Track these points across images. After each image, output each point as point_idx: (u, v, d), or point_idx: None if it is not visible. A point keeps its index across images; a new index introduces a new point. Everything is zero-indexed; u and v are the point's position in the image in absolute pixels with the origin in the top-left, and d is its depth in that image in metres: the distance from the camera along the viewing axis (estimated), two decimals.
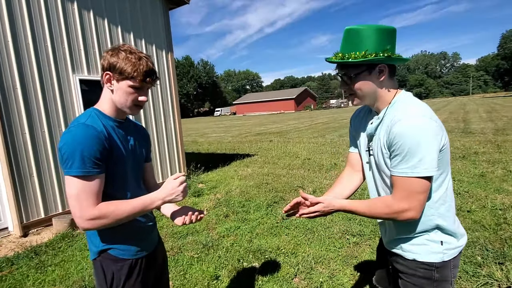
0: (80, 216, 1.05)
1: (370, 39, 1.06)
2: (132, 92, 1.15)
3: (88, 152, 1.04)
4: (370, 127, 1.20)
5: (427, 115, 1.04)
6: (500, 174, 5.20)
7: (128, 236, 1.22)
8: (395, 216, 1.10)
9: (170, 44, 6.24)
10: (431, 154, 1.00)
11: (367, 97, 1.15)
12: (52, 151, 4.36)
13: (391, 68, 1.13)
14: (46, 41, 4.30)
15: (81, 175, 1.04)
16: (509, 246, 2.82)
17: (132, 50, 1.14)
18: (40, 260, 3.26)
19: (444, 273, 1.16)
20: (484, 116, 16.64)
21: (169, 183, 1.16)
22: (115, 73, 1.12)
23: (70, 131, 1.07)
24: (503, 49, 60.13)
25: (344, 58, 1.09)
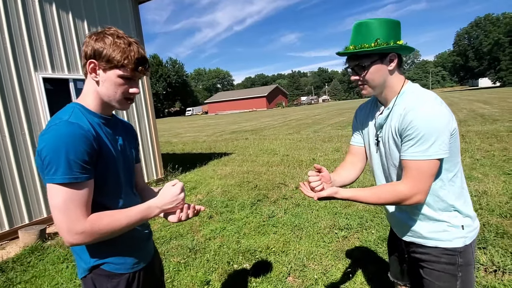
0: (68, 231, 0.89)
1: (380, 30, 1.12)
2: (122, 83, 0.99)
3: (74, 154, 0.88)
4: (380, 117, 1.24)
5: (439, 102, 1.09)
6: (469, 163, 5.49)
7: (123, 247, 1.08)
8: (402, 201, 1.11)
9: (141, 39, 5.94)
10: (442, 138, 1.05)
11: (378, 86, 1.19)
12: (15, 157, 3.98)
13: (400, 58, 1.18)
14: (4, 33, 3.90)
15: (68, 182, 0.88)
16: (488, 231, 2.96)
17: (119, 34, 0.98)
18: (7, 277, 2.94)
19: (467, 257, 1.19)
20: None
21: (168, 190, 1.05)
22: (102, 61, 0.96)
23: (51, 130, 0.90)
24: (458, 46, 64.39)
25: (357, 48, 1.13)
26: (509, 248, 2.62)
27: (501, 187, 4.09)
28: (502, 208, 3.43)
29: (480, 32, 58.09)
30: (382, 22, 1.12)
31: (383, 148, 1.25)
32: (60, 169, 0.87)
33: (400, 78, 1.19)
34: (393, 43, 1.11)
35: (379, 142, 1.27)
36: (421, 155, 1.06)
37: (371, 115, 1.33)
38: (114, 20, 5.41)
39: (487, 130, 8.67)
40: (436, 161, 1.07)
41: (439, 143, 1.05)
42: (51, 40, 4.44)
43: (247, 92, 73.70)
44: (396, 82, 1.18)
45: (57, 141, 0.88)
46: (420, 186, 1.09)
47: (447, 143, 1.07)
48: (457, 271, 1.18)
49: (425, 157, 1.06)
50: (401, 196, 1.10)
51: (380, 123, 1.23)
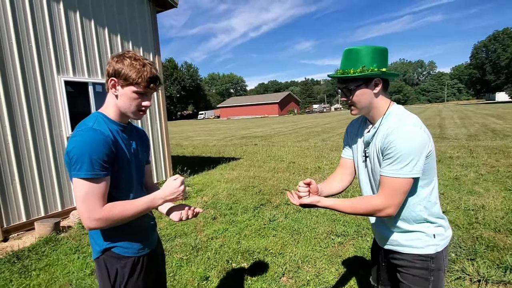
0: (88, 217, 1.10)
1: (367, 57, 1.23)
2: (136, 98, 1.21)
3: (96, 155, 1.10)
4: (367, 135, 1.36)
5: (418, 125, 1.21)
6: (473, 177, 5.52)
7: (131, 234, 1.27)
8: (375, 212, 1.24)
9: (158, 47, 6.25)
10: (417, 160, 1.16)
11: (364, 107, 1.31)
12: (35, 153, 4.28)
13: (385, 82, 1.29)
14: (31, 41, 4.24)
15: (90, 177, 1.10)
16: (480, 244, 3.04)
17: (136, 57, 1.19)
18: (23, 264, 3.19)
19: (439, 263, 1.31)
20: (458, 123, 17.48)
21: (170, 183, 1.23)
22: (120, 79, 1.17)
23: (78, 135, 1.12)
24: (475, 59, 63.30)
25: (344, 73, 1.26)
26: (496, 261, 2.70)
27: (499, 202, 4.14)
28: (497, 223, 3.49)
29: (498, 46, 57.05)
30: (370, 50, 1.23)
31: (370, 164, 1.36)
32: (84, 166, 1.09)
33: (385, 101, 1.30)
34: (377, 69, 1.22)
35: (367, 158, 1.38)
36: (396, 173, 1.18)
37: (360, 132, 1.44)
38: (133, 27, 5.73)
39: (496, 146, 8.61)
40: (409, 180, 1.18)
41: (413, 164, 1.16)
42: (74, 46, 4.77)
43: (260, 98, 74.12)
44: (382, 104, 1.29)
45: (83, 144, 1.10)
46: (392, 201, 1.20)
47: (422, 165, 1.18)
48: (429, 275, 1.31)
49: (399, 175, 1.17)
50: (374, 208, 1.24)
51: (368, 140, 1.35)
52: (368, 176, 1.41)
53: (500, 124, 14.59)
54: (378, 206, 1.22)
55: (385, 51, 1.28)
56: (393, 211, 1.22)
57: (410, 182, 1.20)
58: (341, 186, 1.55)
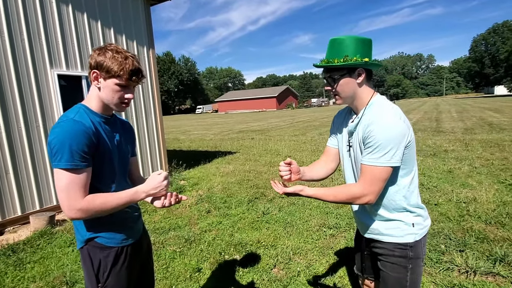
0: (68, 207, 1.12)
1: (350, 47, 1.25)
2: (119, 90, 1.21)
3: (76, 146, 1.11)
4: (351, 125, 1.39)
5: (398, 116, 1.23)
6: (466, 170, 5.56)
7: (114, 225, 1.29)
8: (355, 200, 1.27)
9: (152, 40, 6.20)
10: (396, 150, 1.20)
11: (348, 97, 1.33)
12: (29, 147, 4.27)
13: (368, 72, 1.31)
14: (23, 34, 4.20)
15: (70, 168, 1.11)
16: (470, 236, 3.08)
17: (118, 50, 1.20)
18: (18, 257, 3.21)
19: (417, 251, 1.35)
20: (455, 116, 17.51)
21: (153, 178, 1.24)
22: (102, 71, 1.18)
23: (59, 126, 1.13)
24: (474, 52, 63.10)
25: (329, 63, 1.28)
26: (486, 252, 2.74)
27: (492, 195, 4.18)
28: (488, 215, 3.53)
29: (498, 39, 56.83)
30: (353, 40, 1.25)
31: (353, 153, 1.39)
32: (64, 157, 1.10)
33: (369, 91, 1.32)
34: (360, 59, 1.24)
35: (350, 148, 1.41)
36: (375, 162, 1.21)
37: (345, 122, 1.47)
38: (126, 20, 5.68)
39: (492, 139, 8.65)
40: (388, 168, 1.22)
41: (392, 153, 1.19)
42: (67, 39, 4.73)
43: (258, 92, 73.89)
44: (365, 94, 1.32)
45: (64, 135, 1.10)
46: (371, 188, 1.24)
47: (401, 154, 1.21)
48: (408, 263, 1.34)
49: (378, 163, 1.21)
50: (353, 196, 1.27)
51: (351, 130, 1.38)
52: (351, 165, 1.44)
53: (497, 118, 14.62)
54: (358, 194, 1.26)
55: (368, 42, 1.29)
56: (373, 199, 1.26)
57: (389, 171, 1.23)
58: (324, 172, 1.57)
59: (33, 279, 2.81)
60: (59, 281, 2.73)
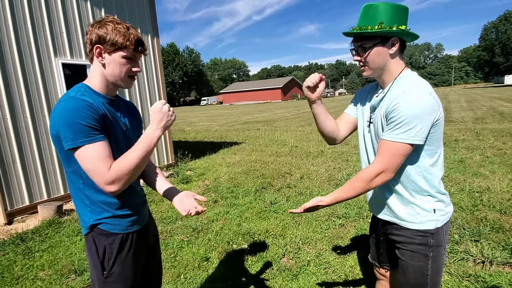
0: (104, 183, 1.05)
1: (385, 14, 1.16)
2: (125, 63, 1.14)
3: (85, 121, 1.03)
4: (375, 100, 1.31)
5: (428, 91, 1.15)
6: (478, 160, 5.43)
7: (119, 210, 1.22)
8: (372, 182, 1.20)
9: (156, 29, 6.10)
10: (421, 126, 1.12)
11: (377, 68, 1.25)
12: (35, 136, 4.26)
13: (402, 44, 1.23)
14: (27, 23, 4.14)
15: (87, 143, 1.04)
16: (484, 225, 3.00)
17: (118, 21, 1.12)
18: (27, 246, 3.22)
19: (439, 239, 1.27)
20: (465, 106, 17.17)
21: (155, 110, 1.12)
22: (107, 45, 1.10)
23: (60, 106, 1.05)
24: (484, 40, 61.55)
25: (361, 30, 1.20)
26: (502, 242, 2.66)
27: (505, 184, 4.06)
28: (503, 205, 3.44)
29: (509, 27, 55.28)
30: (389, 7, 1.17)
31: (374, 129, 1.31)
32: (77, 134, 1.02)
33: (400, 64, 1.24)
34: (396, 27, 1.16)
35: (371, 124, 1.33)
36: (396, 137, 1.14)
37: (370, 97, 1.39)
38: (130, 9, 5.58)
39: (503, 129, 8.45)
40: (408, 146, 1.14)
41: (416, 130, 1.11)
42: (71, 28, 4.66)
43: (263, 83, 73.42)
44: (395, 67, 1.24)
45: (68, 113, 1.03)
46: (388, 165, 1.17)
47: (425, 132, 1.13)
48: (428, 251, 1.27)
49: (399, 139, 1.14)
50: (371, 176, 1.20)
51: (374, 105, 1.30)
52: (371, 142, 1.36)
53: (508, 107, 14.30)
54: (375, 171, 1.19)
55: (405, 9, 1.21)
56: (391, 175, 1.20)
57: (409, 148, 1.16)
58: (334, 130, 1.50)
59: (42, 267, 2.82)
60: (67, 270, 2.72)
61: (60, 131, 1.04)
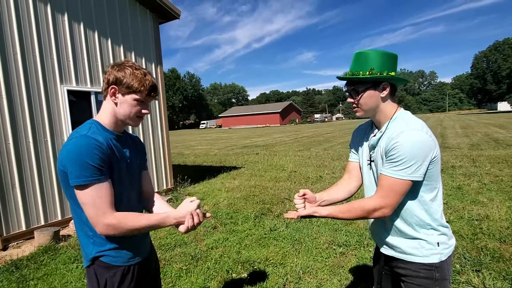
0: (97, 222, 1.11)
1: (376, 61, 1.25)
2: (136, 105, 1.23)
3: (92, 161, 1.10)
4: (373, 139, 1.36)
5: (424, 130, 1.21)
6: (476, 187, 5.47)
7: (121, 243, 1.25)
8: (370, 213, 1.25)
9: (160, 57, 6.31)
10: (420, 164, 1.17)
11: (370, 110, 1.32)
12: (36, 161, 4.28)
13: (392, 87, 1.31)
14: (35, 51, 4.29)
15: (91, 183, 1.09)
16: (485, 255, 2.98)
17: (137, 67, 1.22)
18: (21, 274, 3.15)
19: (443, 272, 1.29)
20: (460, 132, 17.42)
21: (186, 205, 1.23)
22: (122, 87, 1.19)
23: (72, 143, 1.12)
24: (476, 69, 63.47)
25: (354, 75, 1.28)
26: (503, 272, 2.64)
27: (504, 212, 4.08)
28: (502, 233, 3.44)
29: (499, 56, 57.25)
30: (379, 54, 1.25)
31: (375, 168, 1.36)
32: (83, 172, 1.09)
33: (392, 105, 1.31)
34: (386, 73, 1.24)
35: (372, 162, 1.38)
36: (396, 173, 1.19)
37: (367, 136, 1.44)
38: (136, 38, 5.81)
39: (499, 155, 8.55)
40: (408, 182, 1.19)
41: (415, 167, 1.16)
42: (77, 56, 4.82)
43: (261, 108, 74.47)
44: (388, 108, 1.30)
45: (78, 151, 1.09)
46: (388, 201, 1.21)
47: (424, 169, 1.18)
48: (434, 285, 1.28)
49: (399, 176, 1.18)
50: (369, 209, 1.24)
51: (373, 144, 1.35)
52: (373, 180, 1.40)
53: (502, 134, 14.53)
54: (374, 206, 1.23)
55: (394, 57, 1.30)
56: (388, 212, 1.23)
57: (408, 184, 1.20)
58: (345, 193, 1.53)
59: None
60: None
61: (68, 166, 1.10)
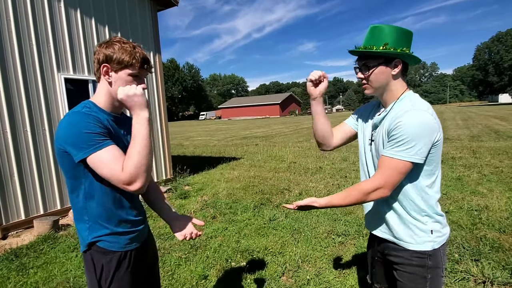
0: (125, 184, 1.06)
1: (391, 36, 1.20)
2: (131, 81, 1.17)
3: (91, 129, 1.07)
4: (377, 118, 1.33)
5: (430, 112, 1.18)
6: (476, 178, 5.46)
7: (117, 228, 1.22)
8: (369, 195, 1.22)
9: (158, 45, 6.22)
10: (421, 145, 1.14)
11: (380, 87, 1.28)
12: (35, 150, 4.25)
13: (405, 66, 1.27)
14: (31, 38, 4.22)
15: (99, 150, 1.06)
16: (484, 244, 2.99)
17: (124, 41, 1.17)
18: (21, 262, 3.16)
19: (436, 260, 1.27)
20: (461, 124, 17.38)
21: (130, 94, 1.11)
22: (113, 63, 1.14)
23: (64, 120, 1.09)
24: (477, 60, 62.93)
25: (366, 49, 1.24)
26: (502, 262, 2.65)
27: (504, 203, 4.08)
28: (502, 223, 3.44)
29: (501, 47, 56.67)
30: (394, 29, 1.21)
31: (375, 147, 1.33)
32: (87, 143, 1.05)
33: (402, 85, 1.28)
34: (400, 50, 1.20)
35: (373, 141, 1.35)
36: (397, 154, 1.16)
37: (372, 115, 1.41)
38: (133, 26, 5.71)
39: (499, 147, 8.54)
40: (408, 163, 1.16)
41: (416, 148, 1.14)
42: (74, 43, 4.75)
43: (261, 99, 74.10)
44: (397, 88, 1.27)
45: (73, 126, 1.06)
46: (386, 181, 1.19)
47: (425, 151, 1.16)
48: (426, 273, 1.27)
49: (400, 157, 1.16)
50: (368, 190, 1.21)
51: (376, 123, 1.33)
52: (372, 160, 1.38)
53: (503, 126, 14.49)
54: (373, 186, 1.21)
55: (410, 34, 1.25)
56: (387, 192, 1.21)
57: (409, 166, 1.18)
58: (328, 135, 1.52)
59: (36, 284, 2.76)
60: (62, 287, 2.67)
61: (68, 144, 1.06)
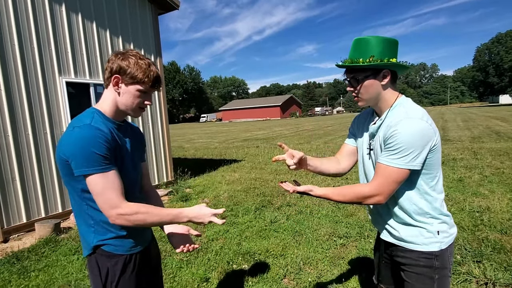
0: (109, 211, 1.10)
1: (376, 48, 1.20)
2: (139, 96, 1.20)
3: (100, 150, 1.08)
4: (373, 127, 1.33)
5: (424, 118, 1.18)
6: (477, 179, 5.45)
7: (122, 232, 1.23)
8: (363, 199, 1.24)
9: (159, 49, 6.25)
10: (418, 153, 1.15)
11: (371, 98, 1.28)
12: (36, 154, 4.26)
13: (393, 75, 1.27)
14: (33, 42, 4.24)
15: (101, 172, 1.08)
16: (485, 246, 2.98)
17: (141, 56, 1.18)
18: (22, 265, 3.16)
19: (443, 261, 1.27)
20: (462, 125, 17.36)
21: (201, 207, 1.23)
22: (126, 76, 1.16)
23: (76, 133, 1.09)
24: (477, 61, 62.89)
25: (353, 63, 1.23)
26: (504, 263, 2.64)
27: (505, 204, 4.07)
28: (504, 225, 3.43)
29: (501, 48, 56.66)
30: (379, 40, 1.20)
31: (374, 156, 1.34)
32: (92, 163, 1.07)
33: (393, 93, 1.28)
34: (387, 60, 1.19)
35: (371, 151, 1.36)
36: (393, 162, 1.17)
37: (367, 124, 1.41)
38: (134, 29, 5.74)
39: (500, 148, 8.52)
40: (405, 171, 1.17)
41: (413, 156, 1.14)
42: (75, 47, 4.77)
43: (262, 101, 74.19)
44: (389, 96, 1.27)
45: (83, 141, 1.07)
46: (383, 189, 1.20)
47: (422, 158, 1.16)
48: (434, 273, 1.27)
49: (396, 165, 1.16)
50: (363, 195, 1.23)
51: (373, 132, 1.33)
52: (371, 169, 1.38)
53: (504, 127, 14.47)
54: (368, 193, 1.22)
55: (395, 43, 1.25)
56: (383, 199, 1.22)
57: (405, 173, 1.18)
58: (335, 170, 1.51)
59: (37, 287, 2.76)
60: None
61: (72, 157, 1.07)
